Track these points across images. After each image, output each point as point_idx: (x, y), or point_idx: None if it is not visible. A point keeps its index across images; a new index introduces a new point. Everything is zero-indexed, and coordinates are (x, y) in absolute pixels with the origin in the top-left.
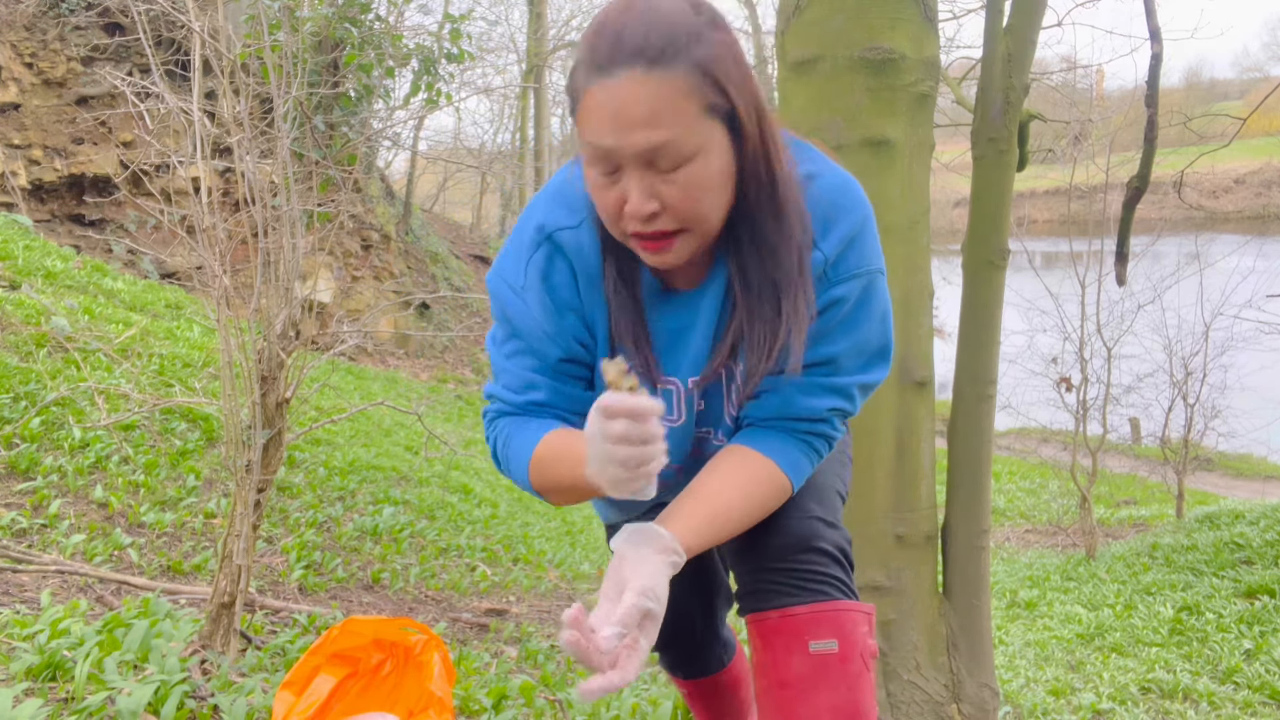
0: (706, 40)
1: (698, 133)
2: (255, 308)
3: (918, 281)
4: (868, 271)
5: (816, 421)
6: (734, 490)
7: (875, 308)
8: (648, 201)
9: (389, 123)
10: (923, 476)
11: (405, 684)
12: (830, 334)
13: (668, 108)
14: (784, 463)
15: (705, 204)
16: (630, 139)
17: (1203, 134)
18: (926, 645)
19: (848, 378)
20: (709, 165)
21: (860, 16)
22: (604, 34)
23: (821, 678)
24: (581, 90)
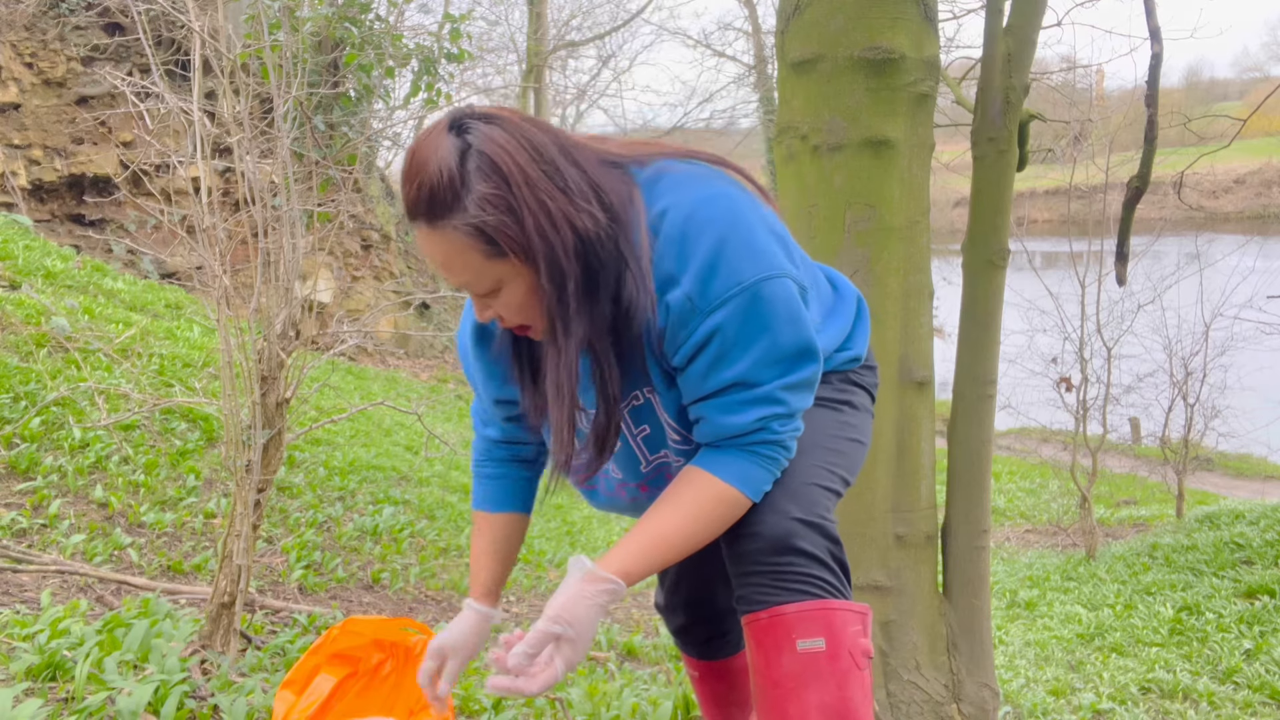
0: (474, 196)
1: (487, 274)
2: (255, 308)
3: (918, 281)
4: (743, 288)
5: (752, 433)
6: (676, 512)
7: (771, 316)
8: (485, 313)
9: (389, 123)
10: (923, 476)
11: (405, 684)
12: (727, 357)
13: (455, 258)
14: (730, 476)
15: (526, 317)
16: (445, 279)
17: (1203, 134)
18: (926, 645)
19: (766, 387)
20: (515, 291)
21: (860, 16)
22: (403, 185)
23: (810, 676)
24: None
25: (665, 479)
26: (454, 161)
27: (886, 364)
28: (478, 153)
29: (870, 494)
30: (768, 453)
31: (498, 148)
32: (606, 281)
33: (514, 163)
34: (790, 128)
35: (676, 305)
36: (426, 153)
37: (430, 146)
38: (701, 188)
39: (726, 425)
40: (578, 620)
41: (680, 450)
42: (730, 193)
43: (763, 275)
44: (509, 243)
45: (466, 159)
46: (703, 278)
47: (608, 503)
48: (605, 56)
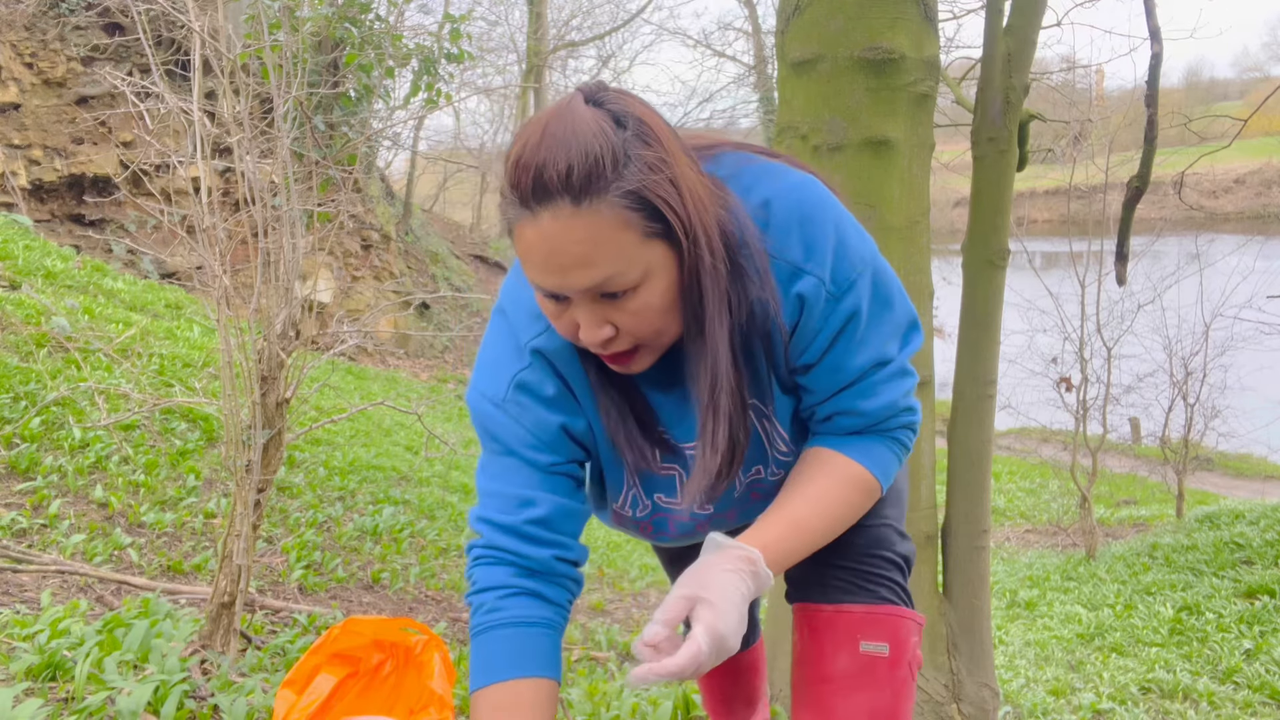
0: (635, 161)
1: (638, 261)
2: (255, 308)
3: (918, 281)
4: (865, 268)
5: (898, 414)
6: (813, 496)
7: (889, 289)
8: (600, 330)
9: (389, 123)
10: (923, 476)
11: (406, 684)
12: (865, 339)
13: (602, 244)
14: (869, 463)
15: (659, 322)
16: (569, 280)
17: (1203, 134)
18: (926, 645)
19: (898, 360)
20: (656, 287)
21: (860, 16)
22: (524, 168)
23: (868, 679)
24: (513, 224)
25: (751, 500)
26: (610, 128)
27: None
28: (634, 119)
29: None
30: (903, 437)
31: (649, 113)
32: (736, 275)
33: (666, 131)
34: (790, 128)
35: (811, 294)
36: (567, 125)
37: (570, 118)
38: (792, 175)
39: (870, 409)
40: (713, 584)
41: (783, 463)
42: (814, 179)
43: (873, 253)
44: (673, 215)
45: (624, 124)
46: (832, 262)
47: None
48: (605, 56)
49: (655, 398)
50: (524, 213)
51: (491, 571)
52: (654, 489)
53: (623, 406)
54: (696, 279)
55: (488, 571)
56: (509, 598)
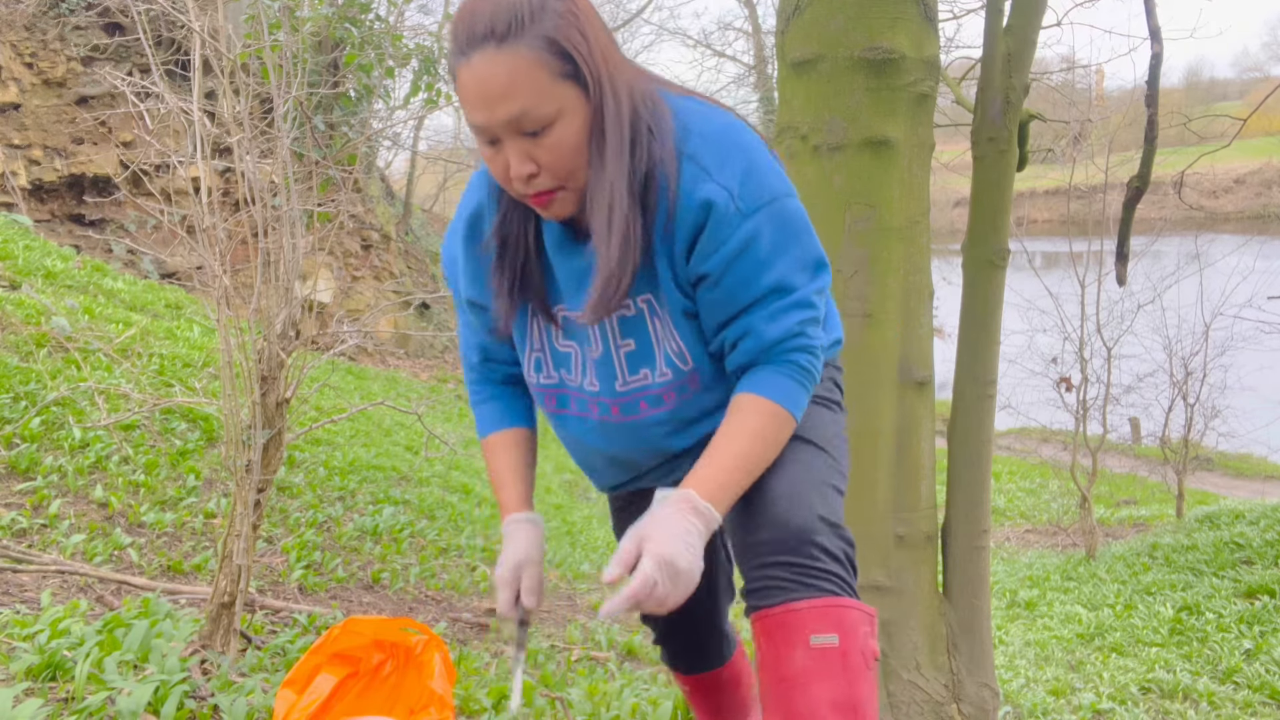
0: (550, 12)
1: (552, 97)
2: (255, 308)
3: (918, 281)
4: (775, 196)
5: (794, 338)
6: (736, 436)
7: (798, 226)
8: (524, 164)
9: (389, 123)
10: (923, 476)
11: (406, 684)
12: (766, 263)
13: (520, 79)
14: (774, 394)
15: (572, 161)
16: (495, 112)
17: (1203, 134)
18: (926, 645)
19: (802, 291)
20: (569, 125)
21: (860, 16)
22: (461, 19)
23: (822, 671)
24: (453, 75)
25: (639, 408)
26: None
27: (886, 364)
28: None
29: (870, 494)
30: (804, 362)
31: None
32: (640, 140)
33: (587, 5)
34: (790, 128)
35: (720, 203)
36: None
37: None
38: (724, 115)
39: (769, 333)
40: (654, 523)
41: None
42: (746, 126)
43: (787, 191)
44: (582, 61)
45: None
46: (741, 180)
47: (577, 428)
48: None
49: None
50: (460, 59)
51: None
52: (558, 364)
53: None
54: (601, 118)
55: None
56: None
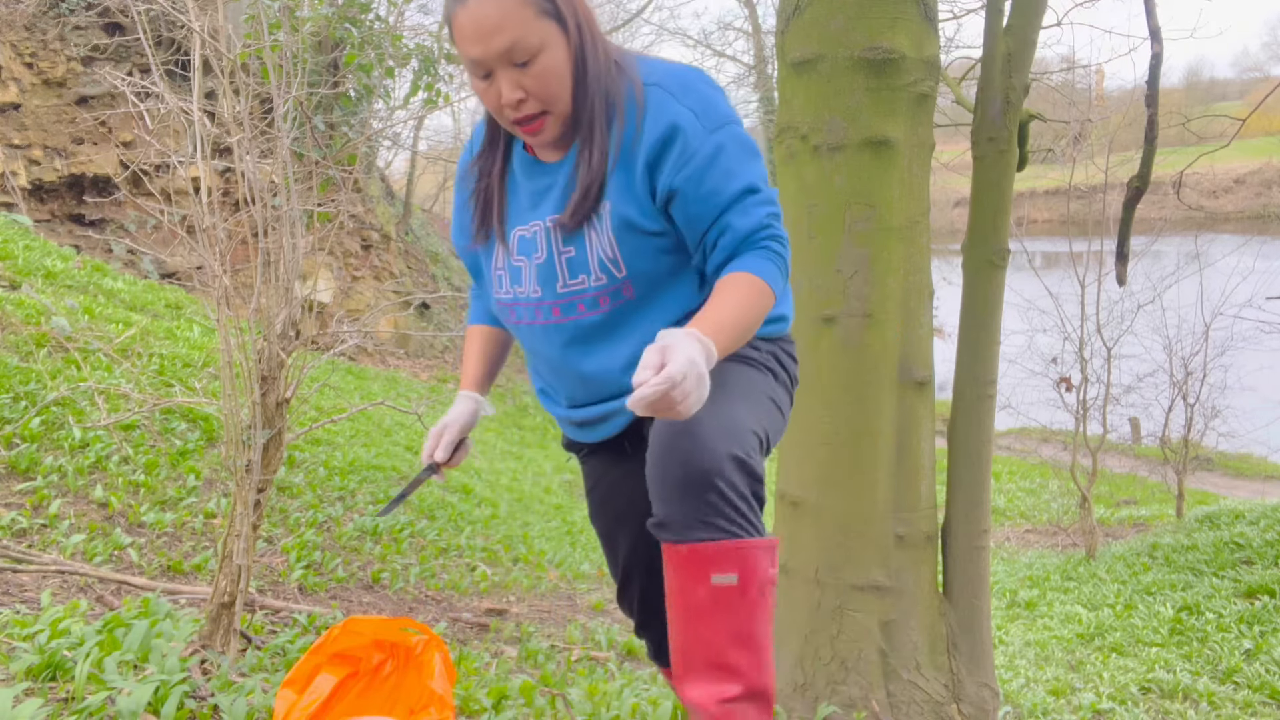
0: None
1: (537, 30)
2: (255, 308)
3: (918, 281)
4: (732, 119)
5: (765, 228)
6: (732, 297)
7: (753, 147)
8: (514, 91)
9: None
10: (923, 476)
11: (406, 684)
12: (735, 170)
13: (509, 15)
14: (757, 270)
15: (556, 86)
16: (489, 45)
17: (1202, 134)
18: (926, 645)
19: (764, 191)
20: (552, 55)
21: (860, 16)
22: None
23: (723, 607)
24: (450, 19)
25: (576, 309)
26: None
27: (886, 364)
28: None
29: (870, 494)
30: (776, 247)
31: None
32: (611, 71)
33: None
34: (790, 128)
35: (686, 122)
36: None
37: None
38: (681, 67)
39: (745, 225)
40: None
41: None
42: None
43: (740, 120)
44: (559, 1)
45: None
46: (702, 104)
47: (528, 335)
48: None
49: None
50: (457, 4)
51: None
52: (514, 280)
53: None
54: (581, 50)
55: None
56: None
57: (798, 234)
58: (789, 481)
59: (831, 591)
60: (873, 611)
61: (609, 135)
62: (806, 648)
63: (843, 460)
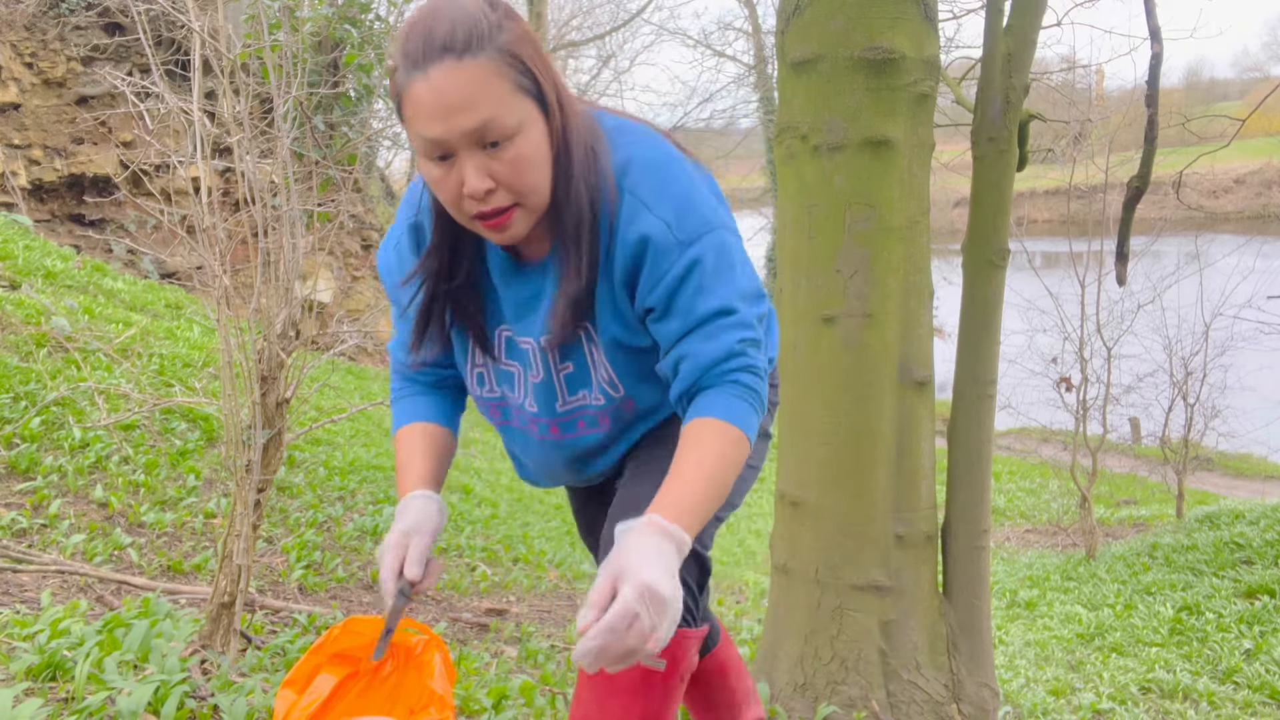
0: (506, 29)
1: (513, 109)
2: (255, 308)
3: (918, 281)
4: (712, 229)
5: (733, 357)
6: (700, 458)
7: (735, 257)
8: (483, 179)
9: (389, 123)
10: (923, 476)
11: (406, 684)
12: (707, 289)
13: (482, 89)
14: (727, 415)
15: (532, 176)
16: (455, 123)
17: (1202, 134)
18: (926, 645)
19: (742, 313)
20: (529, 139)
21: (860, 16)
22: (414, 35)
23: (644, 689)
24: (403, 91)
25: (577, 427)
26: (486, 7)
27: (886, 364)
28: (504, 7)
29: (870, 494)
30: (748, 381)
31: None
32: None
33: (532, 31)
34: (790, 128)
35: (658, 236)
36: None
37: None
38: (663, 146)
39: (710, 352)
40: (624, 552)
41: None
42: (684, 158)
43: (726, 224)
44: (540, 76)
45: (496, 7)
46: (678, 211)
47: (520, 440)
48: (605, 56)
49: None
50: (415, 73)
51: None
52: (501, 380)
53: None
54: (564, 136)
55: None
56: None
57: (798, 234)
58: (789, 481)
59: (831, 591)
60: (873, 611)
61: (597, 241)
62: (806, 648)
63: (843, 460)
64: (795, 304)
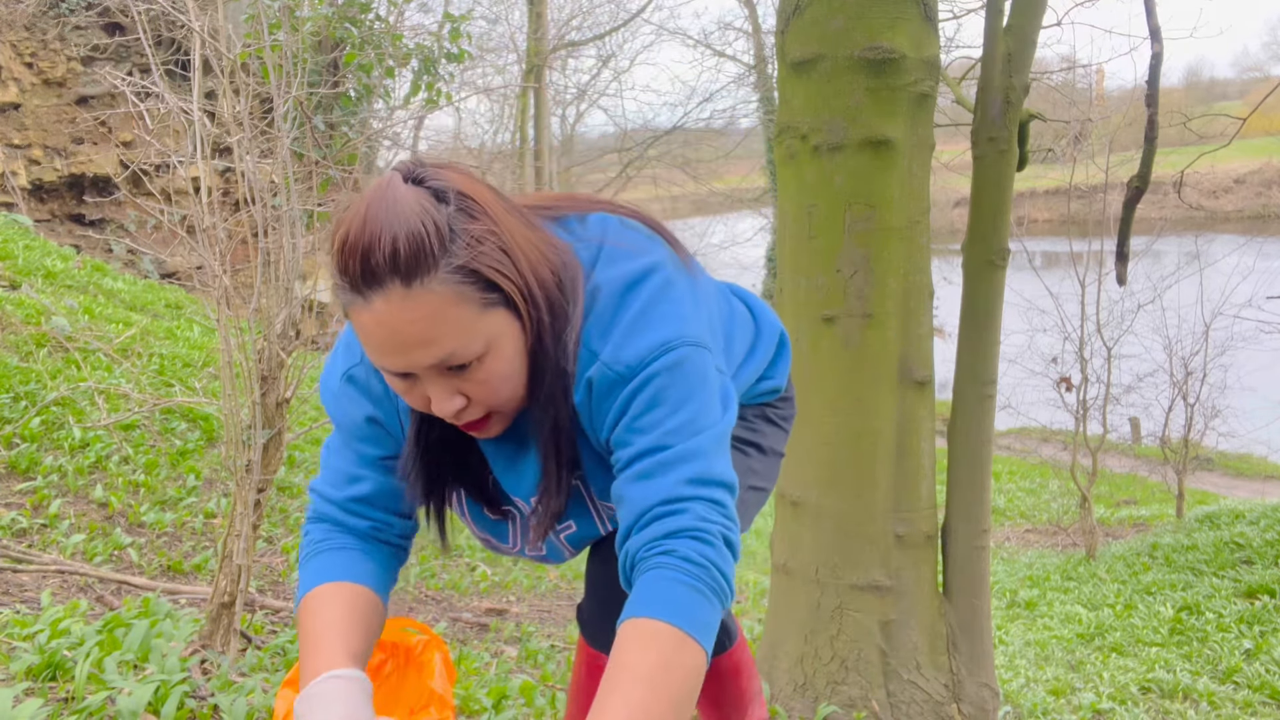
0: (460, 235)
1: (480, 333)
2: (255, 308)
3: (918, 281)
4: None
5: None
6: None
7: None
8: (452, 400)
9: (389, 123)
10: (923, 476)
11: (406, 684)
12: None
13: (440, 321)
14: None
15: (508, 388)
16: (412, 359)
17: (1202, 134)
18: (926, 645)
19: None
20: (502, 354)
21: (860, 16)
22: (350, 254)
23: None
24: (348, 310)
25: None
26: (430, 205)
27: (886, 364)
28: (455, 193)
29: (870, 494)
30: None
31: (471, 184)
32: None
33: (490, 197)
34: (790, 127)
35: (598, 377)
36: (388, 206)
37: (390, 199)
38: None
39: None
40: None
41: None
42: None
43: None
44: (508, 283)
45: (444, 200)
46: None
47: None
48: (605, 56)
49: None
50: (356, 298)
51: (320, 527)
52: (485, 528)
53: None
54: (539, 338)
55: (317, 527)
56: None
57: (798, 234)
58: (789, 481)
59: (831, 591)
60: (873, 611)
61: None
62: (806, 648)
63: (843, 460)
64: (795, 304)
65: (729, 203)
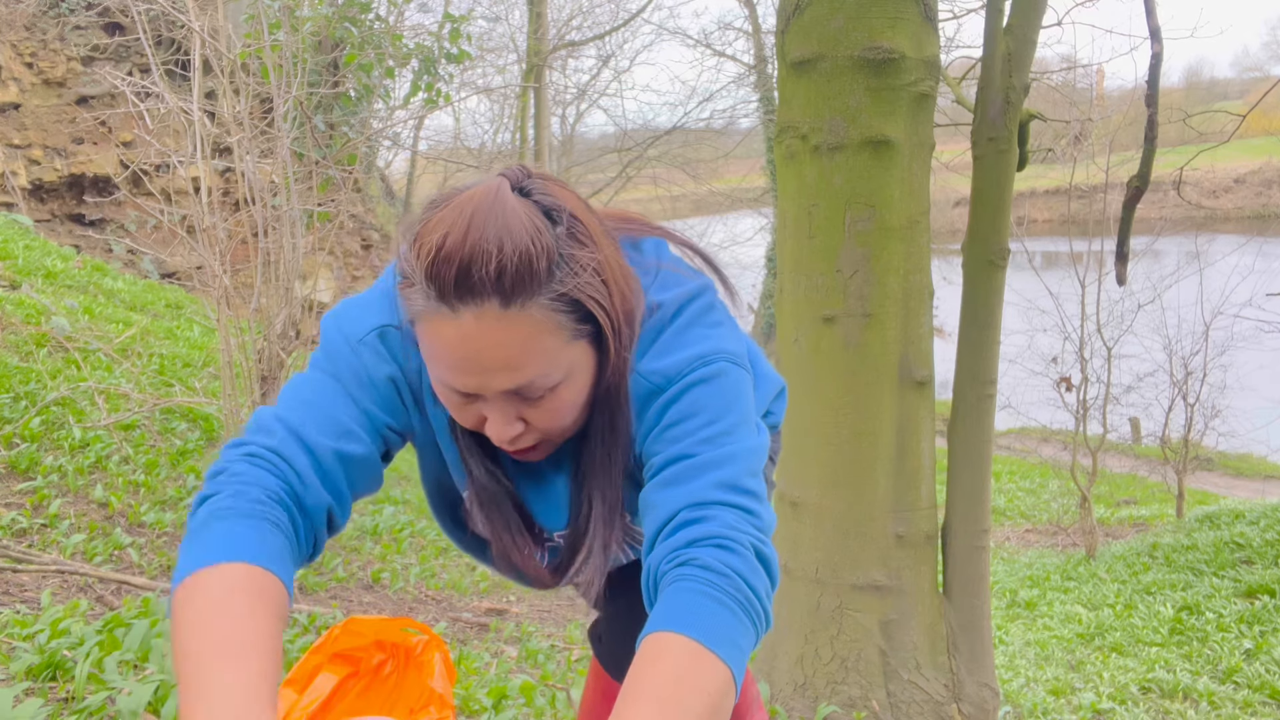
0: (568, 261)
1: (563, 363)
2: (255, 308)
3: (918, 281)
4: (697, 365)
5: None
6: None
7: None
8: (512, 425)
9: (389, 123)
10: (923, 476)
11: (406, 684)
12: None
13: (530, 348)
14: (689, 627)
15: (571, 419)
16: (489, 382)
17: (1202, 132)
18: (926, 645)
19: (720, 451)
20: (575, 385)
21: (860, 16)
22: (447, 260)
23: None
24: (421, 315)
25: None
26: (543, 225)
27: (886, 364)
28: (566, 213)
29: (870, 494)
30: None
31: (578, 204)
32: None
33: (595, 222)
34: (790, 127)
35: (638, 392)
36: (497, 217)
37: (500, 210)
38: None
39: (668, 501)
40: None
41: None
42: (704, 289)
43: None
44: (604, 316)
45: (556, 220)
46: (660, 353)
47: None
48: (605, 56)
49: (520, 481)
50: (441, 308)
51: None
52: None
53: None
54: (613, 374)
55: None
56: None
57: (798, 234)
58: (789, 481)
59: (831, 591)
60: (873, 611)
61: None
62: (806, 648)
63: (843, 460)
64: (795, 304)
65: (729, 203)
